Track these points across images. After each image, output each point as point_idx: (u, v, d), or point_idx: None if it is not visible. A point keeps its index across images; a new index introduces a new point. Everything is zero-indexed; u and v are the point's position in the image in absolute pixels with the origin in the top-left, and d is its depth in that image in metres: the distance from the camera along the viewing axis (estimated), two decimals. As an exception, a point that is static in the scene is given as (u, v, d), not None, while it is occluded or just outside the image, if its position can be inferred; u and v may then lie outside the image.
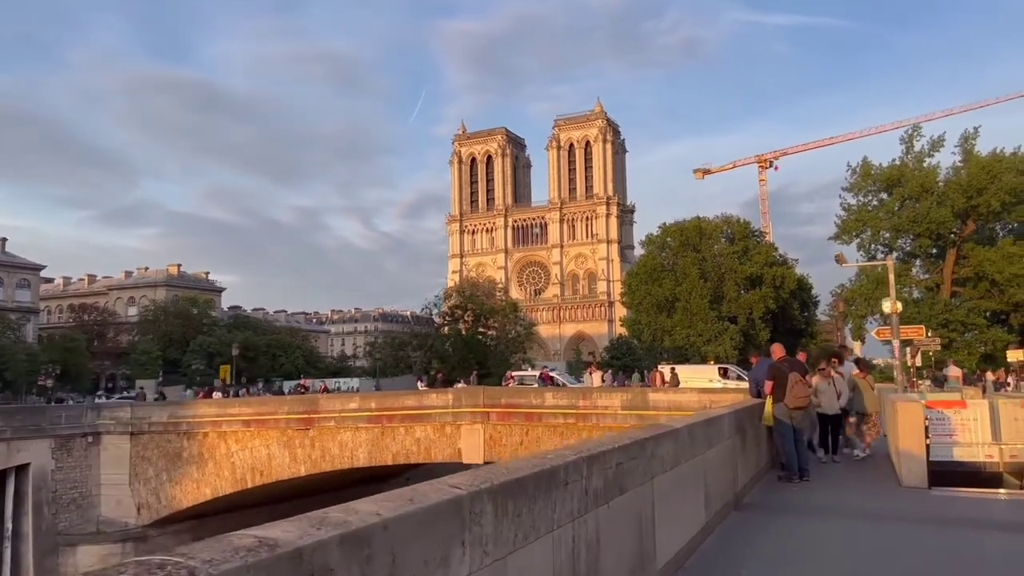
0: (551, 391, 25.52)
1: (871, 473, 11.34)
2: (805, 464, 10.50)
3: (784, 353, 10.89)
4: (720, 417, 7.73)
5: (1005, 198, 40.67)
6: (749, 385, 12.19)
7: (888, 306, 18.54)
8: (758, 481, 10.21)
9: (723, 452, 7.58)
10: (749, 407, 10.19)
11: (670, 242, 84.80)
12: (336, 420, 26.23)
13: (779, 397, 10.23)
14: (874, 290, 42.40)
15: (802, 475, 10.30)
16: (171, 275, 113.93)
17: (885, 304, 17.92)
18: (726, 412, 8.04)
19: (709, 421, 7.34)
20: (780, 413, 10.08)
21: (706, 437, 7.15)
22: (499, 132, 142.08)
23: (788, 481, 10.17)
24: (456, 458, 25.26)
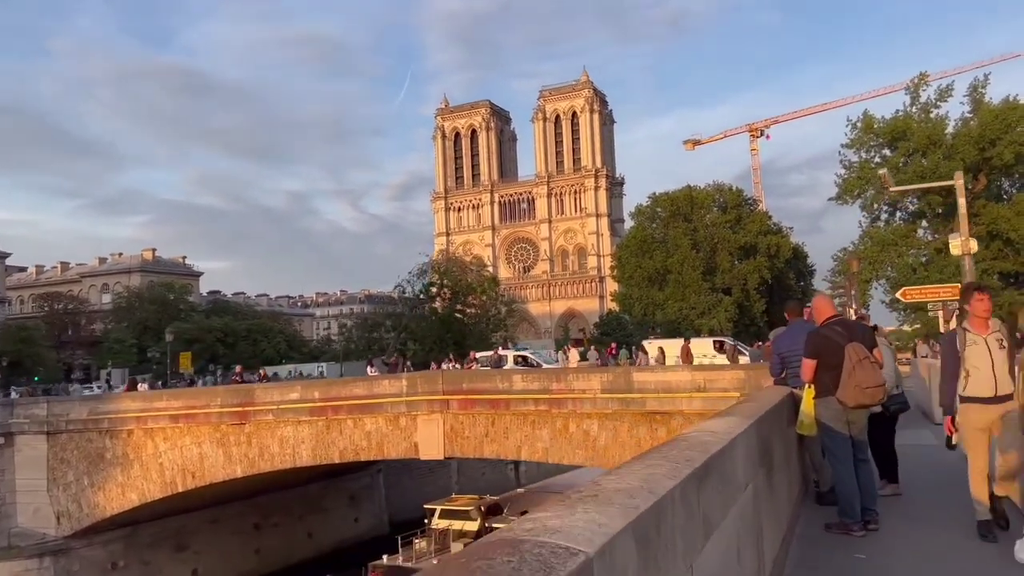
0: (520, 373, 22.26)
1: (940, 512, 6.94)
2: (872, 503, 6.44)
3: (834, 312, 6.64)
4: (729, 450, 3.39)
5: (1020, 149, 37.30)
6: (771, 363, 7.90)
7: (959, 244, 13.44)
8: (793, 535, 6.19)
9: (735, 520, 3.48)
10: (772, 409, 5.58)
11: (660, 212, 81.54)
12: (275, 413, 22.92)
13: (826, 388, 6.18)
14: (880, 252, 39.14)
15: (867, 522, 6.26)
16: (146, 260, 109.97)
17: (954, 243, 13.13)
18: (738, 433, 3.68)
19: (707, 468, 2.91)
20: (830, 416, 6.17)
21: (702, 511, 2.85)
22: (483, 105, 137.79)
23: (845, 533, 6.15)
24: (412, 453, 22.06)
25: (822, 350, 6.15)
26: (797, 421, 6.40)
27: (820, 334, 6.29)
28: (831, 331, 6.21)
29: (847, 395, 6.01)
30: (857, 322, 7.04)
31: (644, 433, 19.98)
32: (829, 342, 6.13)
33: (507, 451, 21.13)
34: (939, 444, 10.49)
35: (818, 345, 6.19)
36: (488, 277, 56.97)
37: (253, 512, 32.30)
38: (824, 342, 6.16)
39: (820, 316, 6.56)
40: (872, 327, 8.00)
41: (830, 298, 6.83)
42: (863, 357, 5.99)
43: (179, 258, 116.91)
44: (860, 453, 6.39)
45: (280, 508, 33.73)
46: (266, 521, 33.00)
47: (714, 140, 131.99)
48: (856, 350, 5.98)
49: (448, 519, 28.74)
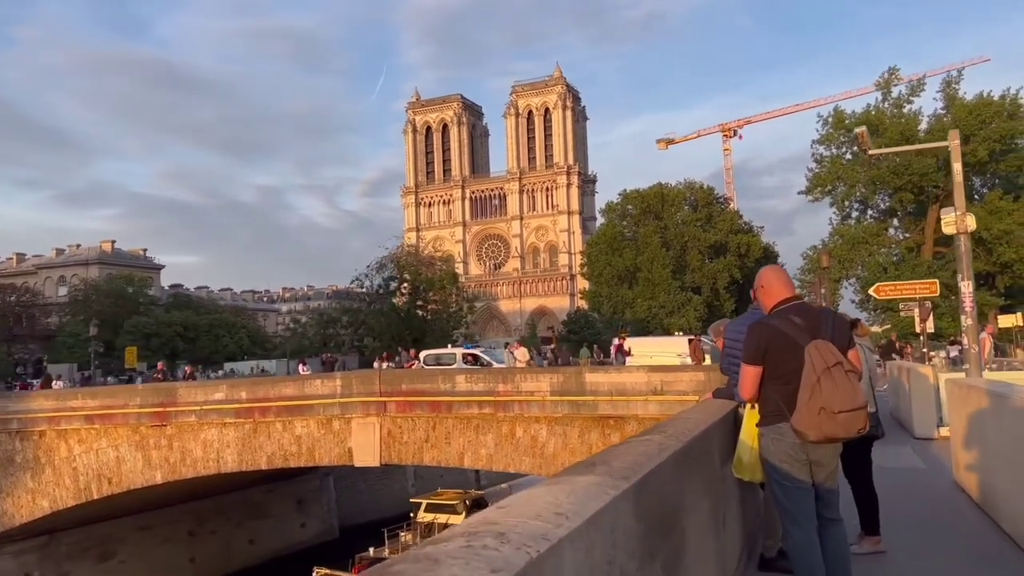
0: (464, 374, 20.57)
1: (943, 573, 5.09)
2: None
3: (792, 293, 4.31)
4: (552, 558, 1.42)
5: (994, 146, 36.44)
6: (721, 359, 5.67)
7: (952, 221, 10.71)
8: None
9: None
10: (688, 447, 3.13)
11: (631, 210, 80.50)
12: (198, 414, 21.04)
13: (776, 410, 4.02)
14: (850, 250, 38.06)
15: None
16: (104, 252, 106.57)
17: (946, 220, 10.42)
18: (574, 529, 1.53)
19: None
20: (781, 454, 3.99)
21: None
22: (455, 99, 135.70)
23: None
24: (346, 460, 20.29)
25: (770, 351, 3.93)
26: (733, 459, 4.20)
27: (768, 326, 4.03)
28: (785, 322, 3.95)
29: (808, 422, 3.76)
30: (825, 310, 4.60)
31: (596, 439, 18.43)
32: (781, 339, 3.91)
33: (449, 458, 19.45)
34: (926, 467, 8.88)
35: (764, 343, 3.95)
36: (448, 272, 55.16)
37: (187, 518, 30.28)
38: (773, 339, 3.93)
39: (770, 298, 4.20)
40: (852, 321, 5.97)
41: (786, 273, 4.36)
42: (833, 363, 3.75)
43: (139, 250, 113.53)
44: (827, 509, 4.06)
45: (218, 513, 31.73)
46: (202, 528, 30.97)
47: (688, 139, 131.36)
48: (823, 352, 3.78)
49: (434, 513, 28.95)
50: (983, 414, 5.71)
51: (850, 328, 4.24)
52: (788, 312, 4.05)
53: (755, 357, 4.02)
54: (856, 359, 3.99)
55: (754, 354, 4.03)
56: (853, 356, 3.98)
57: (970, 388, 6.19)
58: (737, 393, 4.41)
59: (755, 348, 4.03)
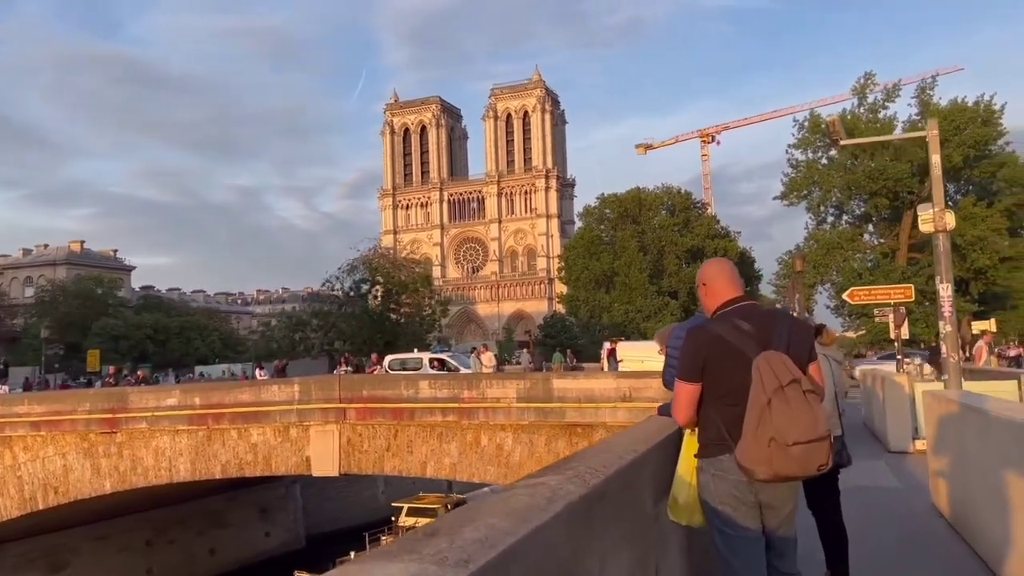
0: (428, 379, 19.88)
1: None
2: None
3: (739, 292, 3.36)
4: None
5: (968, 152, 36.37)
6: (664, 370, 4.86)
7: (930, 219, 8.75)
8: None
9: None
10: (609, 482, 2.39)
11: (608, 214, 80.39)
12: (149, 421, 20.16)
13: (717, 438, 3.14)
14: (825, 255, 37.82)
15: None
16: (73, 253, 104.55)
17: (923, 218, 9.74)
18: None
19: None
20: (723, 494, 3.12)
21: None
22: (433, 101, 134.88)
23: None
24: (303, 469, 19.54)
25: (711, 364, 3.09)
26: (669, 497, 3.33)
27: (707, 333, 3.18)
28: (728, 328, 3.11)
29: (755, 456, 2.91)
30: (780, 313, 3.58)
31: (563, 447, 17.82)
32: (723, 349, 3.07)
33: (411, 467, 18.75)
34: (901, 486, 8.29)
35: (702, 354, 3.11)
36: (422, 275, 54.41)
37: (145, 527, 29.24)
38: (714, 348, 3.09)
39: (712, 298, 3.34)
40: (817, 327, 5.27)
41: (732, 267, 3.50)
42: (788, 381, 2.91)
43: (110, 251, 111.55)
44: (781, 561, 3.24)
45: (178, 522, 30.70)
46: (160, 537, 29.94)
47: (666, 145, 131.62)
48: (775, 367, 2.94)
49: (415, 516, 28.92)
50: (963, 430, 5.14)
51: (812, 335, 3.42)
52: (733, 315, 3.16)
53: (691, 371, 3.13)
54: (818, 375, 3.19)
55: (690, 368, 3.14)
56: (815, 371, 3.17)
57: (949, 402, 5.60)
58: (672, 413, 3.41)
59: (691, 360, 3.14)
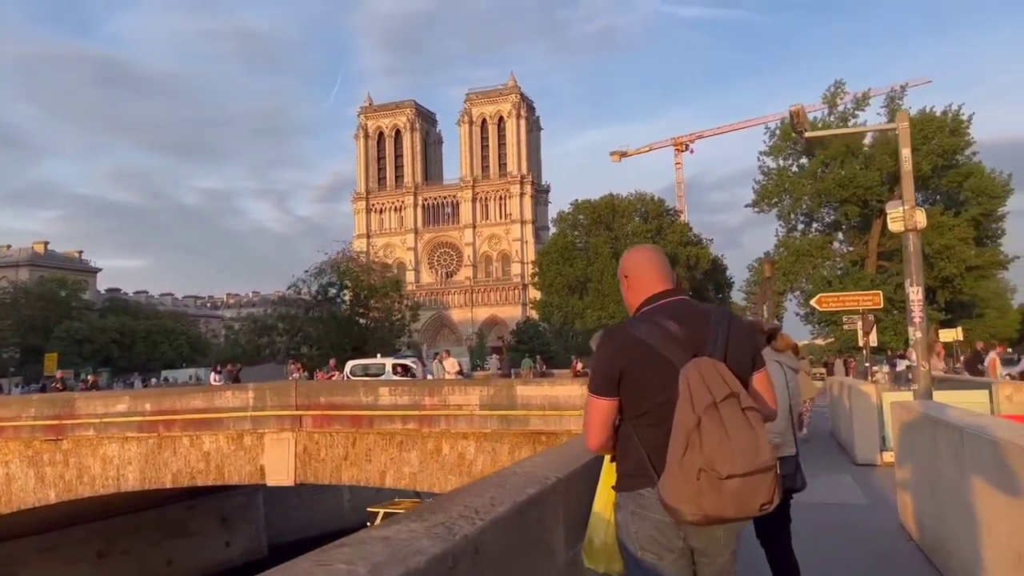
0: (388, 386, 19.29)
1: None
2: None
3: (667, 285, 2.67)
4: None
5: (936, 160, 36.62)
6: None
7: (899, 217, 8.48)
8: None
9: None
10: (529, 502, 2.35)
11: (582, 220, 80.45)
12: (97, 428, 19.36)
13: (638, 469, 2.50)
14: (795, 263, 37.80)
15: None
16: (36, 254, 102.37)
17: (893, 216, 8.65)
18: None
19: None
20: (644, 537, 2.48)
21: None
22: (408, 105, 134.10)
23: None
24: (258, 478, 18.87)
25: (628, 374, 2.50)
26: (584, 540, 2.72)
27: (625, 335, 2.57)
28: (652, 329, 2.52)
29: (681, 492, 2.31)
30: (717, 311, 2.67)
31: (527, 456, 17.29)
32: (644, 355, 2.48)
33: (369, 476, 18.15)
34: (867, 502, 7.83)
35: (619, 362, 2.51)
36: (391, 279, 53.64)
37: (97, 537, 28.16)
38: (633, 354, 2.50)
39: (635, 293, 2.71)
40: (770, 330, 4.59)
41: (660, 256, 2.82)
42: (724, 396, 2.33)
43: (75, 252, 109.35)
44: None
45: (132, 532, 29.62)
46: (113, 547, 28.85)
47: (640, 152, 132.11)
48: (707, 377, 2.35)
49: None
50: (935, 447, 4.70)
51: (756, 338, 2.82)
52: (658, 314, 2.53)
53: (604, 384, 2.50)
54: (765, 387, 2.56)
55: (603, 379, 2.50)
56: (760, 383, 2.55)
57: (919, 414, 5.17)
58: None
59: (604, 370, 2.50)
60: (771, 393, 2.60)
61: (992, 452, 3.49)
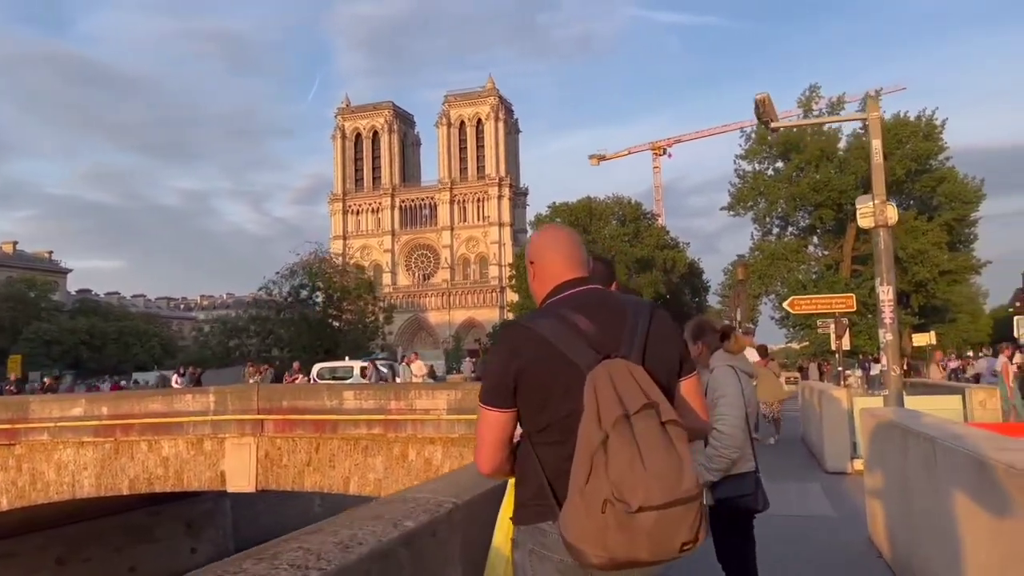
0: (353, 389, 18.81)
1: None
2: None
3: (578, 273, 2.19)
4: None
5: (910, 165, 36.77)
6: None
7: (870, 212, 8.35)
8: None
9: None
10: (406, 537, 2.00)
11: (559, 223, 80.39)
12: (51, 432, 18.71)
13: (536, 498, 2.04)
14: (769, 266, 37.75)
15: None
16: (4, 254, 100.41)
17: (863, 211, 8.45)
18: None
19: None
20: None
21: None
22: (386, 106, 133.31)
23: None
24: (218, 484, 18.28)
25: (525, 380, 2.02)
26: None
27: (524, 331, 2.08)
28: (555, 324, 2.04)
29: (583, 529, 1.82)
30: (637, 303, 2.15)
31: (495, 462, 16.89)
32: (545, 355, 2.00)
33: (333, 483, 17.64)
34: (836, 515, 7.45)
35: (514, 365, 2.03)
36: (364, 281, 53.01)
37: (57, 544, 27.29)
38: (532, 354, 2.01)
39: (542, 283, 2.24)
40: (723, 329, 4.20)
41: (572, 239, 2.31)
42: (638, 407, 1.83)
43: (44, 252, 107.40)
44: None
45: (94, 539, 28.78)
46: (74, 555, 27.98)
47: (619, 156, 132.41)
48: (620, 383, 1.88)
49: None
50: (907, 459, 4.36)
51: (682, 336, 2.32)
52: (566, 306, 2.08)
53: (497, 391, 2.05)
54: (695, 397, 2.14)
55: (496, 386, 2.06)
56: (689, 391, 2.14)
57: (889, 423, 4.82)
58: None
59: (497, 374, 2.06)
60: (702, 403, 2.20)
61: (967, 467, 3.16)
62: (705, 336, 4.06)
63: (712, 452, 3.71)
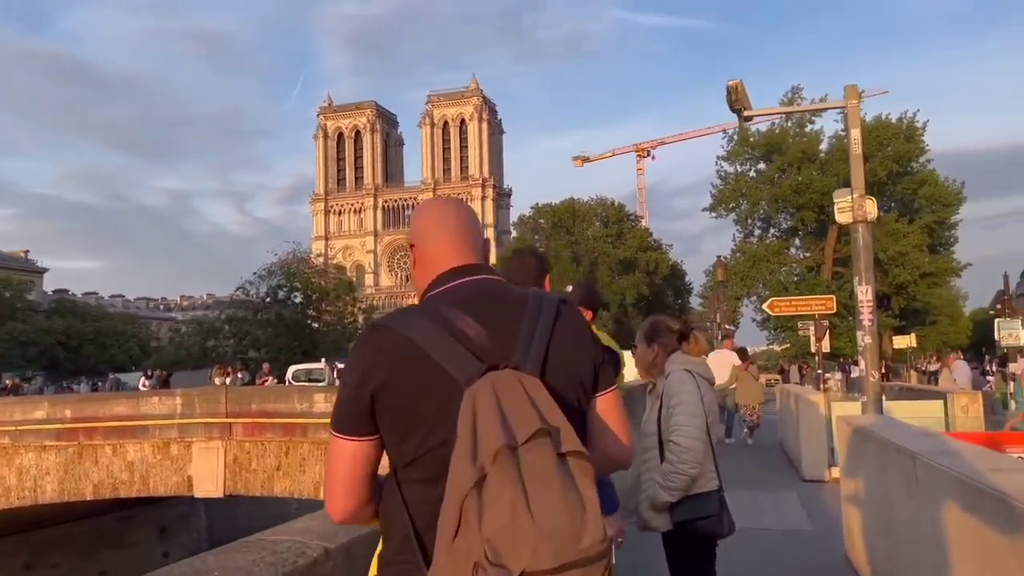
0: (325, 392, 18.37)
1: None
2: None
3: (468, 260, 1.68)
4: None
5: (892, 167, 36.78)
6: None
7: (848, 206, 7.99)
8: None
9: None
10: None
11: (543, 224, 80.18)
12: (12, 436, 18.15)
13: (397, 548, 1.52)
14: (751, 268, 37.62)
15: None
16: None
17: (840, 206, 8.13)
18: None
19: None
20: None
21: None
22: (369, 106, 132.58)
23: None
24: (185, 490, 17.80)
25: (388, 397, 1.50)
26: None
27: (387, 335, 1.53)
28: (427, 325, 1.52)
29: None
30: (537, 296, 1.64)
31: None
32: (410, 364, 1.49)
33: (303, 488, 17.20)
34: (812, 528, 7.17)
35: (372, 378, 1.51)
36: (343, 281, 52.45)
37: (24, 550, 26.64)
38: (395, 363, 1.50)
39: (424, 270, 1.70)
40: (681, 330, 3.77)
41: (463, 215, 1.77)
42: (528, 436, 1.31)
43: (20, 252, 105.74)
44: None
45: (64, 544, 28.12)
46: (41, 560, 27.34)
47: (603, 158, 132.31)
48: (507, 400, 1.36)
49: None
50: (888, 476, 4.01)
51: (593, 338, 1.67)
52: (446, 301, 1.61)
53: (350, 413, 1.56)
54: (615, 418, 1.64)
55: (348, 406, 1.56)
56: (607, 411, 1.64)
57: (868, 435, 4.45)
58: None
59: (350, 391, 1.56)
60: (624, 425, 1.67)
61: (953, 489, 2.83)
62: (660, 337, 3.69)
63: (668, 468, 3.35)
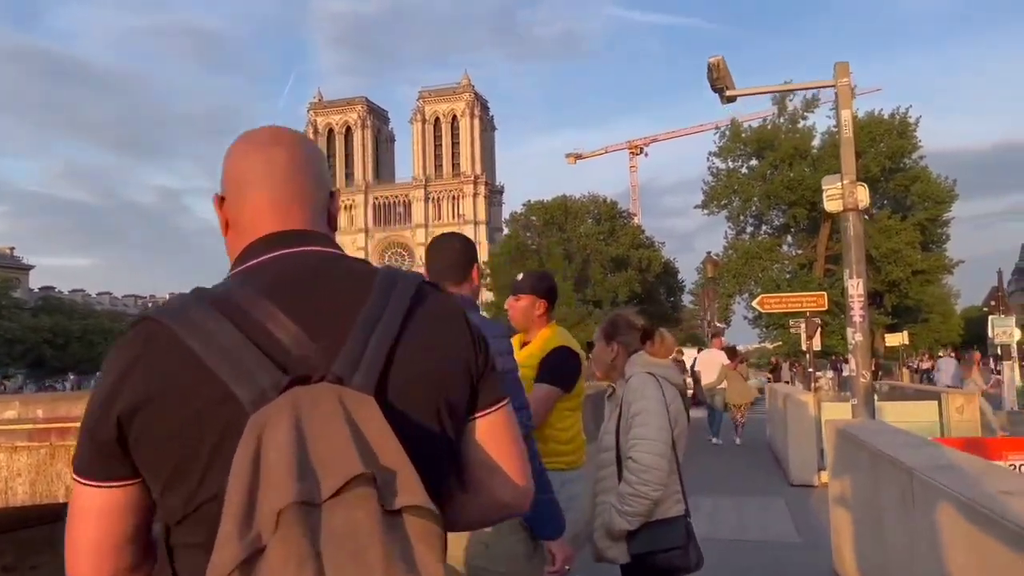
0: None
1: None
2: None
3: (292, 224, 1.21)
4: None
5: (885, 163, 36.53)
6: None
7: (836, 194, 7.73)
8: None
9: None
10: None
11: (535, 221, 79.86)
12: (-18, 437, 17.54)
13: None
14: (743, 265, 37.30)
15: None
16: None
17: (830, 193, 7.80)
18: None
19: None
20: None
21: None
22: (359, 102, 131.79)
23: None
24: (160, 491, 17.25)
25: (140, 426, 1.00)
26: None
27: (153, 332, 1.05)
28: (213, 319, 1.02)
29: None
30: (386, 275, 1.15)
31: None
32: (179, 380, 0.99)
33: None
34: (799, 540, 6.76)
35: (122, 397, 1.01)
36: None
37: (6, 551, 26.31)
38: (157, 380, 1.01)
39: (236, 233, 1.25)
40: (644, 328, 3.34)
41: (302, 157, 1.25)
42: (341, 487, 0.84)
43: (6, 249, 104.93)
44: None
45: (48, 545, 27.58)
46: (23, 562, 26.86)
47: (596, 155, 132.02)
48: (312, 430, 0.89)
49: None
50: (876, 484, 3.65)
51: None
52: (254, 281, 1.10)
53: (91, 450, 1.05)
54: (504, 450, 1.15)
55: (88, 440, 1.05)
56: (492, 440, 1.15)
57: (859, 444, 4.02)
58: None
59: (94, 417, 1.04)
60: (516, 457, 1.17)
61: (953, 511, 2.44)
62: (621, 334, 3.25)
63: (627, 490, 2.92)
